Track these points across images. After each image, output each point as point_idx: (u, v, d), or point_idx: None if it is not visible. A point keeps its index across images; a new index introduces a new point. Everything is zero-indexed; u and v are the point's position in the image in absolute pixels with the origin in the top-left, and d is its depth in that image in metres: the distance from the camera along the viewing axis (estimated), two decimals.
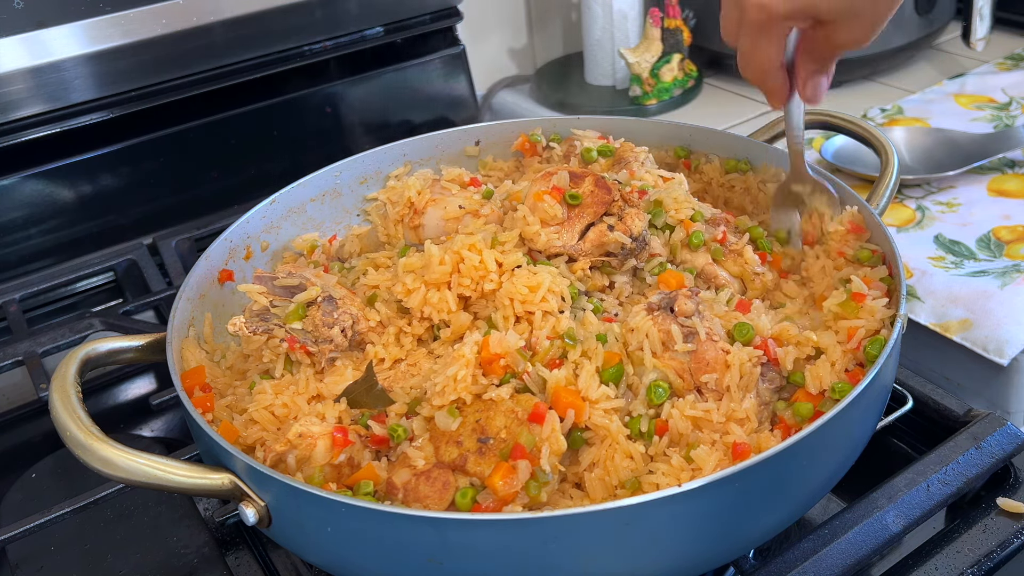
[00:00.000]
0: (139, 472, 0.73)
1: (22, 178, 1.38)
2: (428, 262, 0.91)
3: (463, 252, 0.89)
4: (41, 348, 1.18)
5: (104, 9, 1.32)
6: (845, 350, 0.83)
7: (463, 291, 0.89)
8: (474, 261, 0.89)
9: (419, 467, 0.76)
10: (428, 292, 0.90)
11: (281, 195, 1.12)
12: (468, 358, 0.80)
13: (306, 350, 0.91)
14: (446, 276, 0.90)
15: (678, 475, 0.75)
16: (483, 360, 0.80)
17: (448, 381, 0.79)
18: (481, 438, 0.76)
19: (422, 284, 0.91)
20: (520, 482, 0.73)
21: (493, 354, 0.80)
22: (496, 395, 0.78)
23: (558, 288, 0.88)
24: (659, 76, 1.74)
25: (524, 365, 0.80)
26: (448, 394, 0.79)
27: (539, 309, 0.86)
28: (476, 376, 0.80)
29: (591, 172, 0.97)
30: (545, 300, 0.86)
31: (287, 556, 0.91)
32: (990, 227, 1.25)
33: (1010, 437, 0.91)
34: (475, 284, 0.89)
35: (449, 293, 0.89)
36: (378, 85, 1.64)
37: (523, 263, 0.90)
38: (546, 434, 0.75)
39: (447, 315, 0.90)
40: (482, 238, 0.91)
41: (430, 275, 0.90)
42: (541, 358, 0.82)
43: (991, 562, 0.83)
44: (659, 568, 0.72)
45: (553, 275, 0.89)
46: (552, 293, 0.87)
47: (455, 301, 0.89)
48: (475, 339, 0.82)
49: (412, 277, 0.92)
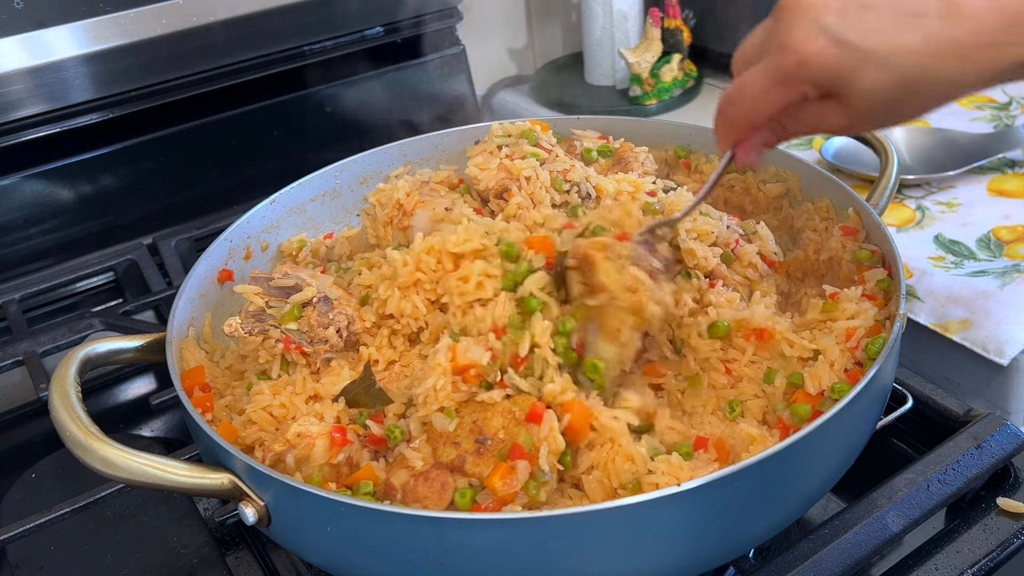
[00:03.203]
0: (139, 472, 0.73)
1: (22, 178, 1.38)
2: (394, 269, 0.91)
3: (421, 256, 0.89)
4: (41, 348, 1.19)
5: (104, 9, 1.32)
6: (844, 350, 0.83)
7: (428, 295, 0.89)
8: (431, 264, 0.89)
9: (417, 468, 0.76)
10: (400, 300, 0.90)
11: (281, 195, 1.12)
12: (444, 366, 0.79)
13: (301, 351, 0.91)
14: (412, 278, 0.90)
15: (678, 475, 0.75)
16: (456, 370, 0.80)
17: (429, 392, 0.79)
18: (479, 438, 0.76)
19: (395, 289, 0.91)
20: (519, 482, 0.73)
21: (463, 364, 0.79)
22: (488, 398, 0.78)
23: (493, 271, 0.86)
24: (659, 76, 1.74)
25: (494, 375, 0.79)
26: (431, 404, 0.79)
27: (475, 298, 0.85)
28: (456, 384, 0.79)
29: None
30: (481, 287, 0.85)
31: (287, 556, 0.91)
32: (990, 227, 1.24)
33: (1010, 437, 0.91)
34: (434, 286, 0.89)
35: (417, 298, 0.89)
36: (378, 85, 1.64)
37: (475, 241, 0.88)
38: (544, 433, 0.75)
39: (421, 320, 0.90)
40: (441, 238, 0.90)
41: (399, 280, 0.90)
42: (503, 363, 0.80)
43: (991, 562, 0.83)
44: (659, 568, 0.72)
45: (486, 255, 0.87)
46: (487, 277, 0.86)
47: (424, 304, 0.89)
48: (447, 344, 0.81)
49: (385, 285, 0.92)
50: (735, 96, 0.74)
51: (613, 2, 1.75)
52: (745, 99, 0.73)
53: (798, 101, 0.70)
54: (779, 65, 0.68)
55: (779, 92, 0.70)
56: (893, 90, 0.65)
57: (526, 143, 1.03)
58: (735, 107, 0.75)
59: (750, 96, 0.72)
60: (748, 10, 1.73)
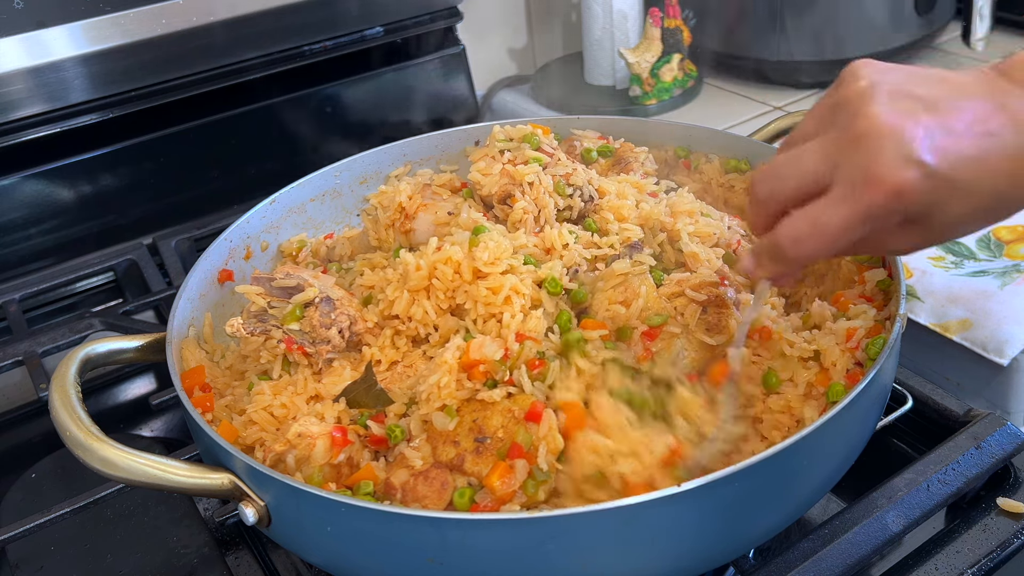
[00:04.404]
0: (139, 472, 0.73)
1: (22, 178, 1.38)
2: (406, 271, 0.91)
3: (437, 264, 0.89)
4: (41, 348, 1.18)
5: (104, 9, 1.32)
6: (844, 350, 0.83)
7: (441, 303, 0.89)
8: (448, 273, 0.88)
9: (417, 467, 0.76)
10: (410, 303, 0.90)
11: (281, 195, 1.12)
12: (451, 364, 0.80)
13: (303, 351, 0.91)
14: (424, 283, 0.89)
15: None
16: (464, 365, 0.80)
17: (432, 388, 0.79)
18: (478, 438, 0.76)
19: (404, 291, 0.91)
20: (518, 481, 0.73)
21: (473, 360, 0.80)
22: (488, 396, 0.78)
23: (523, 289, 0.86)
24: (659, 76, 1.74)
25: (503, 373, 0.80)
26: (434, 401, 0.79)
27: (504, 311, 0.85)
28: (461, 381, 0.80)
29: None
30: (509, 302, 0.85)
31: (287, 556, 0.91)
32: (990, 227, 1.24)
33: (1010, 437, 0.91)
34: (450, 294, 0.89)
35: (427, 303, 0.89)
36: (378, 85, 1.64)
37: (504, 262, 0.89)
38: (543, 432, 0.75)
39: (430, 325, 0.90)
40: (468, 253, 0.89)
41: (410, 283, 0.90)
42: (514, 363, 0.80)
43: (991, 562, 0.83)
44: (659, 568, 0.72)
45: (520, 274, 0.87)
46: (516, 295, 0.86)
47: (435, 310, 0.89)
48: (458, 344, 0.81)
49: (393, 287, 0.92)
50: (805, 233, 0.65)
51: (613, 2, 1.75)
52: (821, 237, 0.64)
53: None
54: (868, 201, 0.61)
55: (865, 228, 0.63)
56: (980, 214, 0.64)
57: (528, 147, 1.03)
58: (804, 245, 0.65)
59: (829, 235, 0.64)
60: (748, 10, 1.73)
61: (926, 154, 0.61)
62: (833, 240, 0.64)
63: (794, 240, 0.66)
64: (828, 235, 0.64)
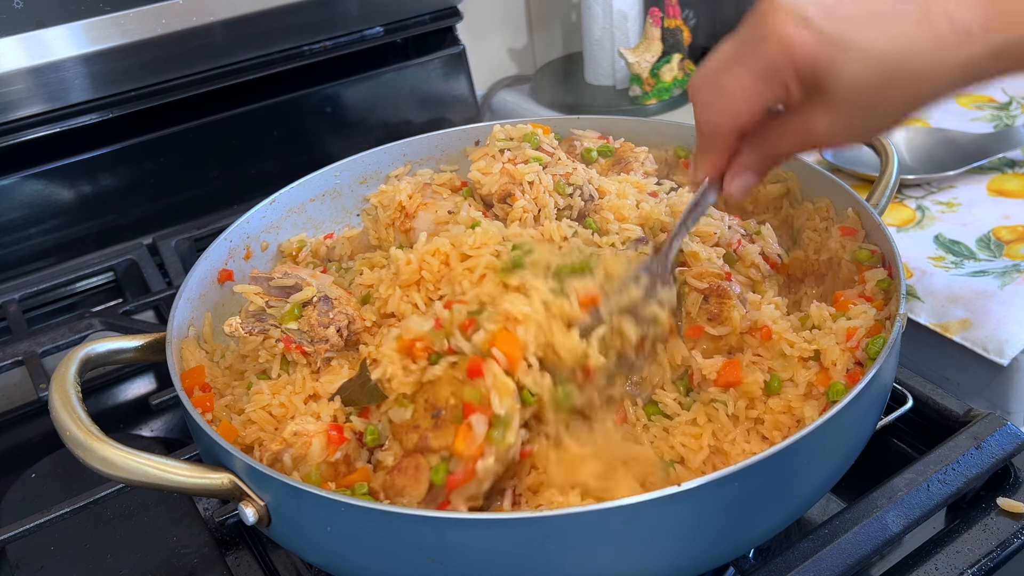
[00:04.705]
0: (139, 472, 0.73)
1: (22, 178, 1.38)
2: (397, 267, 0.91)
3: (425, 256, 0.89)
4: (41, 348, 1.19)
5: (104, 9, 1.32)
6: (844, 350, 0.83)
7: (431, 295, 0.89)
8: (434, 265, 0.88)
9: (391, 465, 0.77)
10: (401, 299, 0.90)
11: (281, 195, 1.12)
12: (390, 354, 0.79)
13: (302, 350, 0.91)
14: (414, 277, 0.90)
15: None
16: (402, 349, 0.79)
17: (382, 384, 0.80)
18: (434, 413, 0.76)
19: (396, 288, 0.91)
20: (480, 436, 0.73)
21: (408, 340, 0.79)
22: (432, 374, 0.78)
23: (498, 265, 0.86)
24: (659, 76, 1.74)
25: (441, 342, 0.78)
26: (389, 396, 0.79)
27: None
28: (406, 366, 0.79)
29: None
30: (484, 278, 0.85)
31: (287, 556, 0.91)
32: (990, 227, 1.24)
33: (1010, 437, 0.91)
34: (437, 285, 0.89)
35: (417, 296, 0.89)
36: (378, 85, 1.64)
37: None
38: (489, 382, 0.74)
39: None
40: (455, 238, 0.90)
41: (400, 279, 0.90)
42: (449, 329, 0.79)
43: (991, 562, 0.83)
44: (659, 568, 0.72)
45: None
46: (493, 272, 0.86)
47: (425, 302, 0.89)
48: (394, 333, 0.81)
49: (385, 285, 0.92)
50: (712, 99, 0.71)
51: (613, 2, 1.75)
52: (725, 97, 0.70)
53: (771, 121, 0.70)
54: (761, 55, 0.67)
55: (762, 86, 0.68)
56: (873, 80, 0.65)
57: (528, 147, 1.03)
58: (715, 110, 0.71)
59: (730, 93, 0.69)
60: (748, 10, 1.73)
61: (815, 16, 0.65)
62: (737, 97, 0.69)
63: (705, 108, 0.72)
64: (731, 92, 0.69)
